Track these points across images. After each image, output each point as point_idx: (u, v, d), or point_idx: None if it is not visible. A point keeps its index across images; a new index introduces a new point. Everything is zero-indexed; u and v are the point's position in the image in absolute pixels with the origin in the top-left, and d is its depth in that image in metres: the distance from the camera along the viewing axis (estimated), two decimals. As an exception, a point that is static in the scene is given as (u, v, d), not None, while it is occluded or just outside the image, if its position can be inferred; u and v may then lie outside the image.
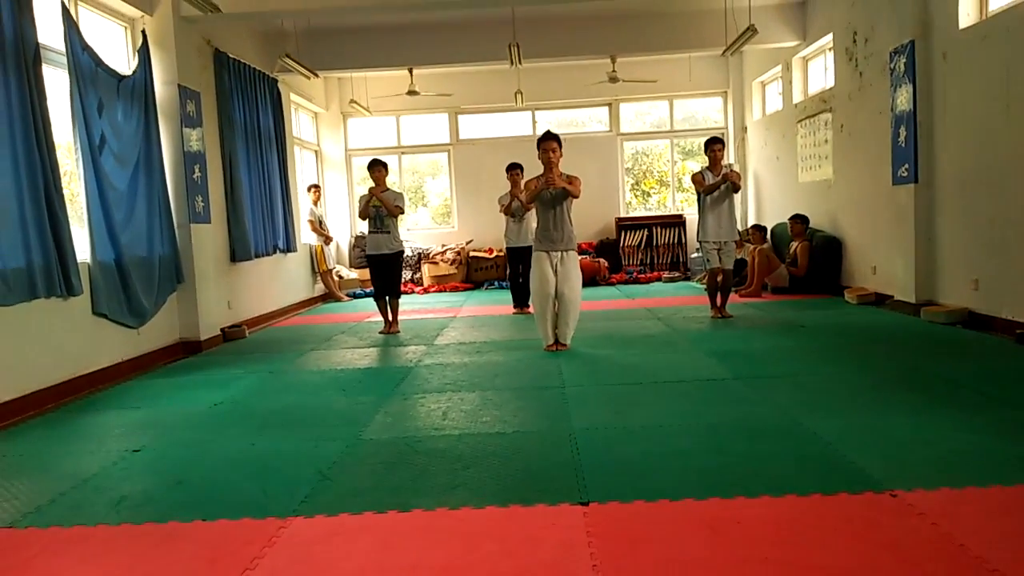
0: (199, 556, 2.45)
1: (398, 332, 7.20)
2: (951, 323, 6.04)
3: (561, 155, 5.77)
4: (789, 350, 5.42)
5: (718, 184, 6.82)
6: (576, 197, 5.77)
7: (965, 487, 2.67)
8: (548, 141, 5.76)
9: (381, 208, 7.04)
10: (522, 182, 7.36)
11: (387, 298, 7.23)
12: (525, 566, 2.26)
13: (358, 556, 2.40)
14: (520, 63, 9.20)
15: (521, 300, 8.27)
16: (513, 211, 8.00)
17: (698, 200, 7.11)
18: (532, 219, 7.74)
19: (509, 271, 8.45)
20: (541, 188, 5.70)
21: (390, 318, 7.26)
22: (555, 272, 5.74)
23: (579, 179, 5.83)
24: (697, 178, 7.02)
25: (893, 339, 5.68)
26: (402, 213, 7.22)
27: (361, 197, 7.33)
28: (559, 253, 5.75)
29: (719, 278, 7.06)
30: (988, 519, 2.42)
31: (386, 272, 7.17)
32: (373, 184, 7.11)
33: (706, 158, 7.07)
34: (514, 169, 8.01)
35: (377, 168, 7.16)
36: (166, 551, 2.51)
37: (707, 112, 12.74)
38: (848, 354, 5.19)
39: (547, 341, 5.84)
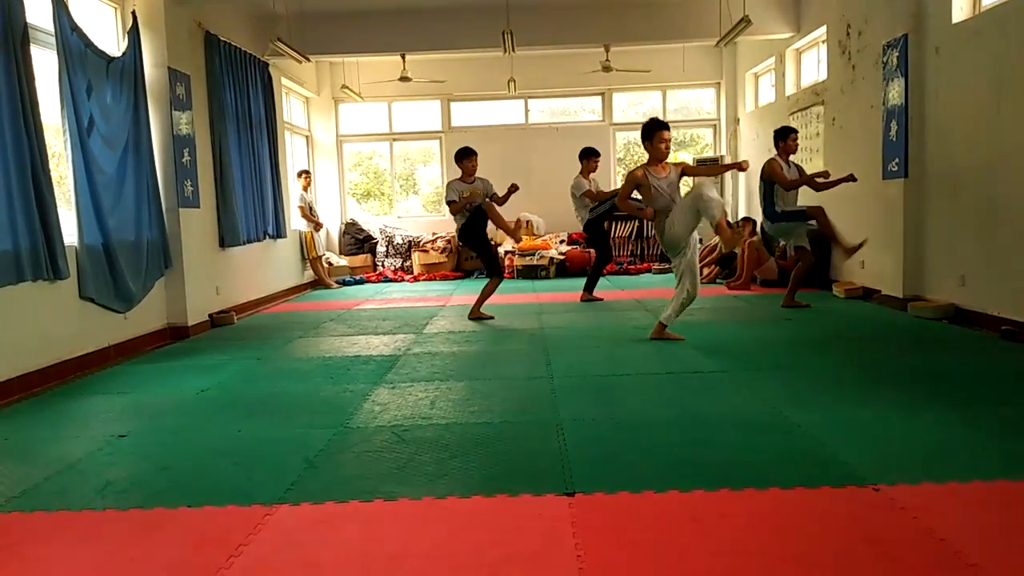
0: (185, 542, 2.46)
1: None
2: (937, 318, 6.09)
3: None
4: (775, 343, 5.45)
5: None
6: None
7: (947, 482, 2.70)
8: (667, 131, 5.33)
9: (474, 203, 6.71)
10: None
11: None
12: (510, 555, 2.28)
13: (344, 544, 2.40)
14: (513, 51, 9.16)
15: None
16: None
17: (770, 190, 6.82)
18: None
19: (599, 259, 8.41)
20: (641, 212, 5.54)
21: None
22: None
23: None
24: (778, 169, 6.80)
25: (879, 334, 5.72)
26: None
27: (460, 189, 6.72)
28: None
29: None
30: (969, 514, 2.44)
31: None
32: (463, 174, 6.78)
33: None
34: (597, 156, 8.05)
35: (471, 157, 6.78)
36: (151, 537, 2.51)
37: (700, 103, 12.74)
38: (834, 348, 5.22)
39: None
